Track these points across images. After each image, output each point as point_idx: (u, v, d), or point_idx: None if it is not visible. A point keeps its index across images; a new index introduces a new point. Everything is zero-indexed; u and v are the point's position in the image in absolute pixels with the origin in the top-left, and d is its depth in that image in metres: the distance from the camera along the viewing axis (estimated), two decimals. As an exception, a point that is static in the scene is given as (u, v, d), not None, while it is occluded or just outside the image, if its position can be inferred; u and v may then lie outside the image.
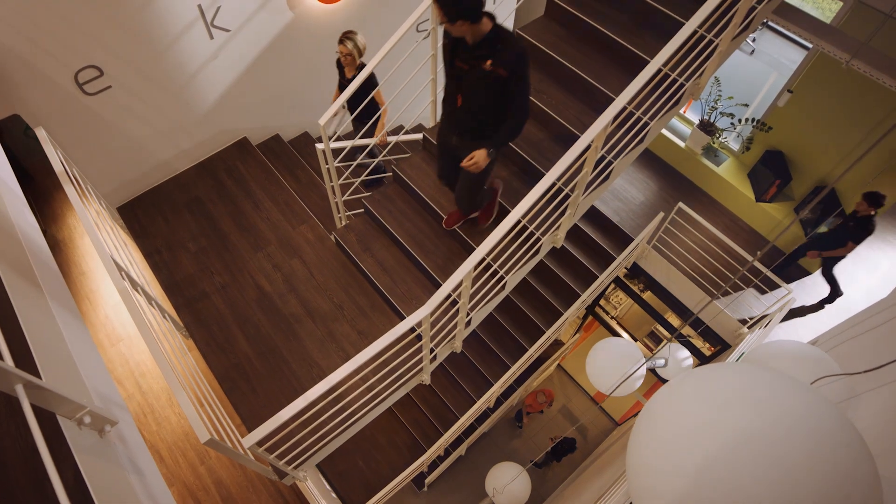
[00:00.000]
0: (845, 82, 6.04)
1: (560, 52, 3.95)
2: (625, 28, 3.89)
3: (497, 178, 3.86)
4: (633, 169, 7.99)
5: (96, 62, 4.15)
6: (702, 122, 7.35)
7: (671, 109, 3.71)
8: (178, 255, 4.68)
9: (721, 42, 3.47)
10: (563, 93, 3.94)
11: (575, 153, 2.93)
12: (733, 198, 7.58)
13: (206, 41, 4.59)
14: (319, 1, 4.88)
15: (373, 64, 3.58)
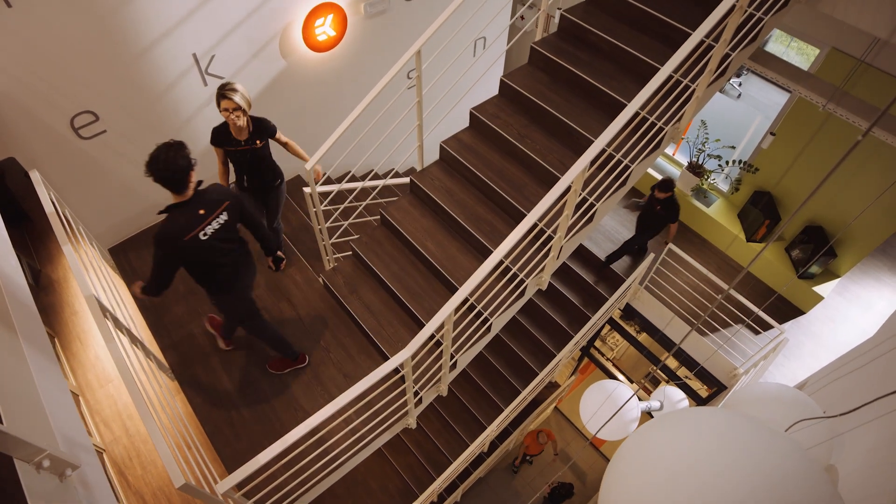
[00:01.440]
0: (824, 125, 6.17)
1: (543, 98, 4.05)
2: (606, 74, 4.00)
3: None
4: (625, 211, 8.07)
5: (92, 108, 4.25)
6: (690, 164, 7.46)
7: (652, 153, 3.78)
8: (166, 297, 4.67)
9: (698, 88, 3.57)
10: (547, 137, 4.03)
11: (554, 195, 2.97)
12: (724, 238, 7.63)
13: (200, 88, 4.71)
14: (311, 49, 5.03)
15: (360, 108, 3.67)
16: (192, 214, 3.12)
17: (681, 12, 3.94)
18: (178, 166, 2.96)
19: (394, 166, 4.38)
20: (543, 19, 4.26)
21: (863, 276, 7.62)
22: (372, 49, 5.51)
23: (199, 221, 3.14)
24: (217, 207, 3.20)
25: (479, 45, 6.34)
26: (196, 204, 3.13)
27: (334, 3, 4.88)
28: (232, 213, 3.27)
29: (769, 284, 7.40)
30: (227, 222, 3.26)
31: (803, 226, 7.09)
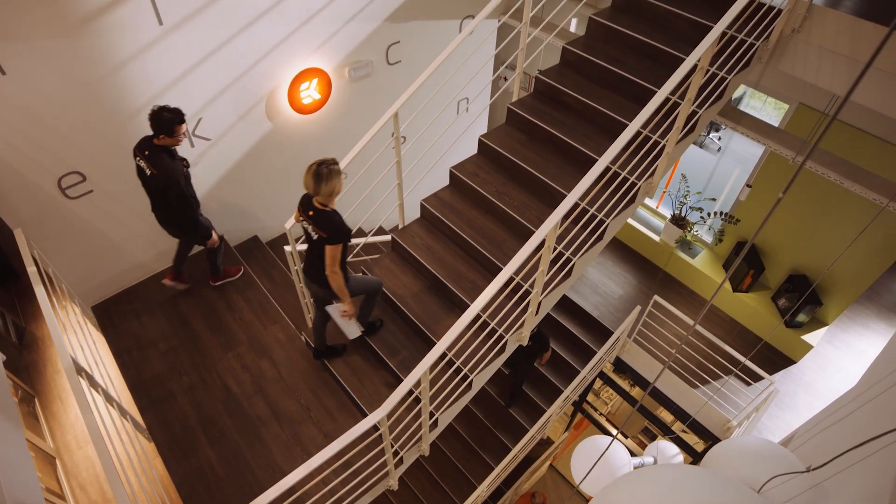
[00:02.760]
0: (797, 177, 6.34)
1: (520, 156, 4.18)
2: (580, 133, 4.15)
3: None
4: (612, 263, 8.16)
5: (80, 168, 4.35)
6: (673, 217, 7.60)
7: (627, 207, 3.88)
8: (147, 355, 4.66)
9: (667, 144, 3.71)
10: (525, 194, 4.13)
11: (528, 250, 3.03)
12: (710, 289, 7.69)
13: (187, 149, 4.83)
14: (296, 112, 5.21)
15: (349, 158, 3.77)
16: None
17: (650, 74, 4.12)
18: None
19: (377, 224, 4.46)
20: (518, 81, 4.45)
21: (851, 324, 7.66)
22: (356, 111, 5.70)
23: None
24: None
25: (462, 105, 6.57)
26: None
27: (319, 68, 5.09)
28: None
29: (758, 334, 7.42)
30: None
31: (788, 275, 7.17)
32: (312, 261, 3.57)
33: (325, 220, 3.35)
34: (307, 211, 3.41)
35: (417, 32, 5.64)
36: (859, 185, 4.37)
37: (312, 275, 3.63)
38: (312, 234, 3.44)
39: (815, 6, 3.81)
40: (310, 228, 3.44)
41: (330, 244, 3.34)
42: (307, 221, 3.43)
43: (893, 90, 3.61)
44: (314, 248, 3.49)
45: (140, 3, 3.93)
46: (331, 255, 3.38)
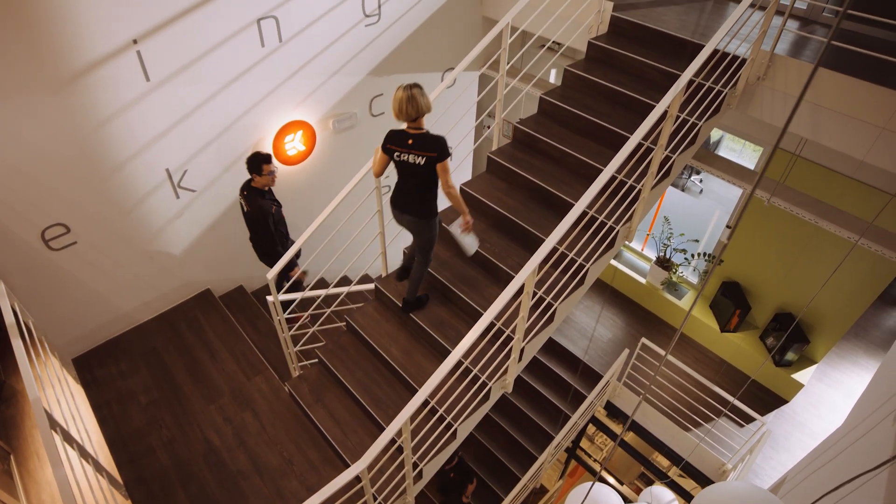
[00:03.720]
0: (772, 216, 6.51)
1: (501, 203, 4.26)
2: (558, 179, 4.25)
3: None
4: (600, 307, 8.19)
5: (64, 220, 4.38)
6: (658, 259, 7.69)
7: (606, 252, 3.94)
8: (127, 408, 4.58)
9: (643, 189, 3.80)
10: (506, 241, 4.19)
11: (508, 295, 3.06)
12: (699, 330, 7.71)
13: (172, 200, 4.89)
14: (282, 163, 5.30)
15: (321, 218, 3.82)
16: None
17: (625, 121, 4.26)
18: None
19: (360, 272, 4.49)
20: (498, 130, 4.57)
21: (840, 361, 7.68)
22: (341, 161, 5.81)
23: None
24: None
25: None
26: None
27: (303, 120, 5.22)
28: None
29: (749, 374, 7.41)
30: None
31: (774, 313, 7.23)
32: (410, 192, 3.57)
33: (428, 141, 3.38)
34: (404, 142, 3.41)
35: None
36: (832, 224, 4.47)
37: (411, 206, 3.62)
38: (417, 161, 3.41)
39: (777, 56, 4.00)
40: (411, 158, 3.42)
41: (440, 161, 3.38)
42: (407, 152, 3.42)
43: (851, 131, 3.80)
44: (414, 177, 3.49)
45: (128, 60, 4.04)
46: (445, 171, 3.42)
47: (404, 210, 3.65)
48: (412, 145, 3.39)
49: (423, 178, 3.47)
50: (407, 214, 3.66)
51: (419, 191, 3.53)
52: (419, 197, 3.55)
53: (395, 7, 5.27)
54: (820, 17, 4.79)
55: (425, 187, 3.51)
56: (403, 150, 3.42)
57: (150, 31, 4.04)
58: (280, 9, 4.54)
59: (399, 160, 3.47)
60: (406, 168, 3.48)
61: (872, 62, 3.81)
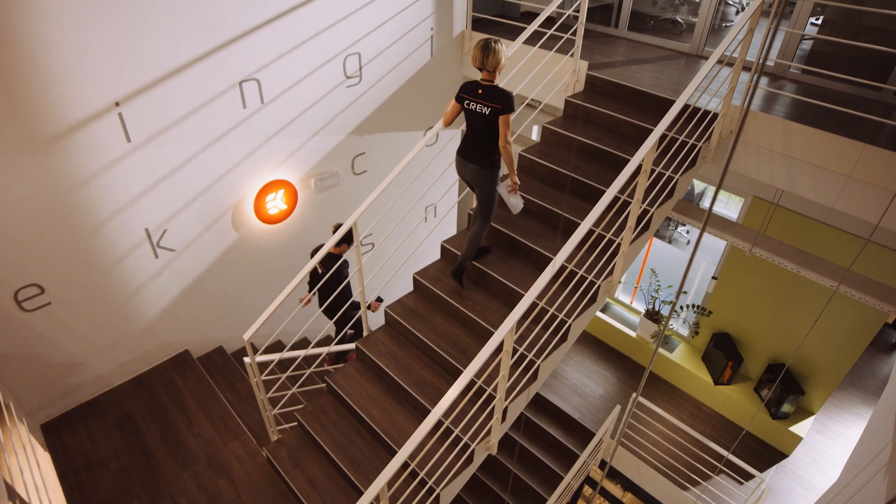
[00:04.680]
0: (757, 266, 6.60)
1: (483, 260, 4.29)
2: (538, 234, 4.31)
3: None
4: (590, 362, 8.14)
5: (38, 280, 4.35)
6: (647, 312, 7.71)
7: (589, 307, 3.96)
8: (97, 477, 4.43)
9: (622, 242, 3.86)
10: (488, 298, 4.21)
11: (487, 353, 3.05)
12: (692, 383, 7.66)
13: (151, 260, 4.89)
14: (263, 222, 5.35)
15: (298, 279, 3.84)
16: None
17: (602, 176, 4.37)
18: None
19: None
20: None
21: (839, 412, 7.62)
22: (323, 219, 5.87)
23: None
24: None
25: (430, 210, 6.81)
26: None
27: (285, 179, 5.31)
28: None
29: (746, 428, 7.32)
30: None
31: (767, 364, 7.21)
32: (475, 142, 3.79)
33: (496, 93, 3.59)
34: (475, 91, 3.64)
35: (382, 143, 5.96)
36: (813, 272, 4.55)
37: (474, 156, 3.82)
38: (483, 111, 3.62)
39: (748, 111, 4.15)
40: (478, 107, 3.64)
41: (504, 114, 3.58)
42: (476, 101, 3.64)
43: (821, 180, 3.98)
44: (480, 127, 3.70)
45: (109, 122, 4.13)
46: (506, 124, 3.60)
47: (468, 159, 3.87)
48: (481, 95, 3.63)
49: (487, 128, 3.68)
50: (470, 163, 3.86)
51: (483, 141, 3.75)
52: (483, 147, 3.78)
53: (377, 68, 5.47)
54: (787, 73, 5.01)
55: (489, 138, 3.72)
56: (473, 98, 3.67)
57: (133, 94, 4.16)
58: (262, 72, 4.69)
59: (468, 108, 3.72)
60: (473, 117, 3.72)
61: (837, 115, 4.05)
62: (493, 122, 3.63)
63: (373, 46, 5.33)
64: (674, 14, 6.99)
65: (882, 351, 8.66)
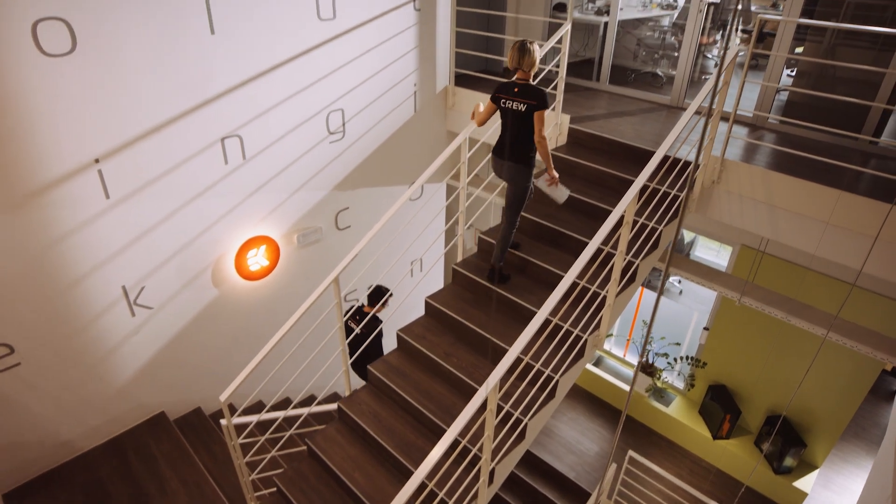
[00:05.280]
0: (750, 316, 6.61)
1: (467, 316, 4.27)
2: (524, 289, 4.30)
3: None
4: (585, 419, 8.00)
5: (7, 340, 4.26)
6: (641, 365, 7.65)
7: (576, 362, 3.92)
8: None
9: (608, 295, 3.86)
10: (474, 355, 4.16)
11: (470, 412, 2.99)
12: (690, 438, 7.52)
13: (127, 318, 4.82)
14: (244, 278, 5.33)
15: (277, 337, 3.79)
16: None
17: (586, 228, 4.41)
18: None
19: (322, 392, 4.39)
20: (462, 242, 4.69)
21: (843, 464, 7.48)
22: (306, 275, 5.86)
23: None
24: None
25: (416, 265, 6.82)
26: None
27: (267, 235, 5.32)
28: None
29: (749, 484, 7.14)
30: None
31: (766, 416, 7.11)
32: (510, 140, 3.97)
33: (531, 90, 3.81)
34: (511, 90, 3.86)
35: (367, 198, 6.02)
36: (803, 321, 4.56)
37: (510, 153, 3.99)
38: (519, 108, 3.83)
39: (728, 161, 4.26)
40: (514, 105, 3.85)
41: (538, 110, 3.78)
42: (511, 99, 3.86)
43: (802, 227, 4.08)
44: (516, 124, 3.89)
45: (88, 178, 4.15)
46: (541, 120, 3.79)
47: (505, 157, 4.03)
48: (517, 93, 3.85)
49: (522, 124, 3.87)
50: (507, 161, 4.02)
51: (519, 138, 3.94)
52: (518, 144, 3.96)
53: (360, 124, 5.58)
54: (766, 124, 5.15)
55: (524, 134, 3.90)
56: (508, 97, 3.89)
57: (113, 151, 4.20)
58: (244, 128, 4.77)
59: (504, 106, 3.93)
60: (509, 114, 3.92)
61: (815, 162, 4.17)
62: (529, 118, 3.83)
63: (356, 102, 5.45)
64: (654, 67, 7.23)
65: (883, 399, 8.58)
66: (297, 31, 4.79)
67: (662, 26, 7.68)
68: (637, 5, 7.93)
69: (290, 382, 4.19)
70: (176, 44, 4.20)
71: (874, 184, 4.08)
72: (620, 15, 6.38)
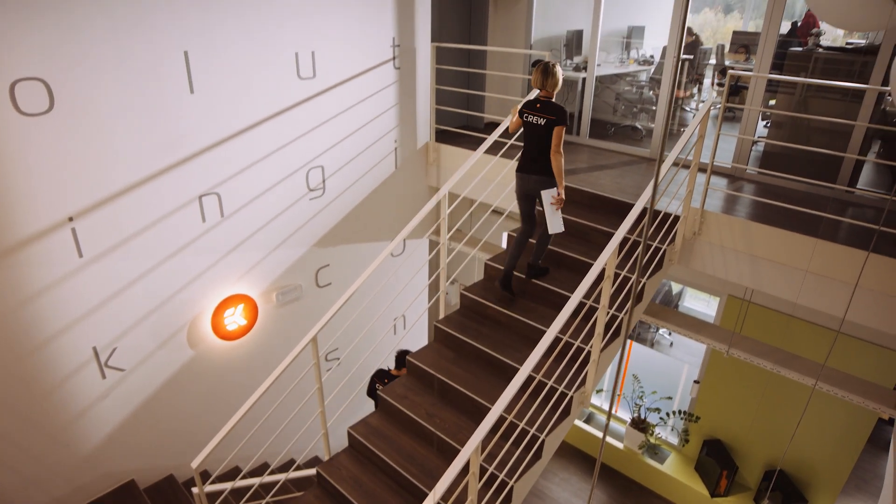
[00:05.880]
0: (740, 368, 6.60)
1: (450, 374, 4.22)
2: (508, 346, 4.26)
3: None
4: (577, 479, 7.82)
5: (-31, 405, 4.15)
6: (633, 421, 7.55)
7: (562, 420, 3.87)
8: None
9: (592, 350, 3.85)
10: (456, 415, 4.09)
11: (451, 476, 2.92)
12: (687, 496, 7.35)
13: (97, 381, 4.71)
14: (221, 338, 5.26)
15: (253, 399, 3.72)
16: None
17: (570, 282, 4.43)
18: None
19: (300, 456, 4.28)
20: (443, 299, 4.69)
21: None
22: (285, 334, 5.79)
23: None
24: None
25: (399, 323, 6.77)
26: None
27: (245, 294, 5.28)
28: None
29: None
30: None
31: (764, 471, 7.00)
32: (533, 155, 4.25)
33: (552, 106, 4.14)
34: (533, 106, 4.21)
35: (348, 255, 6.03)
36: (792, 371, 4.58)
37: (534, 168, 4.26)
38: (539, 122, 4.15)
39: (708, 212, 4.34)
40: (535, 119, 4.18)
41: (558, 125, 4.10)
42: (534, 114, 4.19)
43: (783, 276, 4.16)
44: (537, 137, 4.20)
45: (61, 237, 4.13)
46: (558, 135, 4.11)
47: (530, 171, 4.30)
48: (539, 108, 4.19)
49: (543, 138, 4.18)
50: (532, 175, 4.28)
51: (541, 152, 4.22)
52: (541, 158, 4.23)
53: (341, 180, 5.65)
54: (745, 175, 5.29)
55: (546, 148, 4.20)
56: (532, 112, 4.22)
57: (88, 209, 4.20)
58: (223, 185, 4.81)
59: (527, 121, 4.26)
60: (531, 129, 4.24)
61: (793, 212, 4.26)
62: (549, 132, 4.16)
63: (337, 159, 5.54)
64: (633, 121, 7.44)
65: (883, 449, 8.48)
66: (276, 90, 4.91)
67: (640, 81, 7.96)
68: (614, 61, 8.25)
69: (266, 446, 4.07)
70: (155, 102, 4.28)
71: (851, 231, 4.17)
72: (598, 71, 6.61)
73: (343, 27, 5.19)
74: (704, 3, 11.83)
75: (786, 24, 7.73)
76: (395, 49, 5.66)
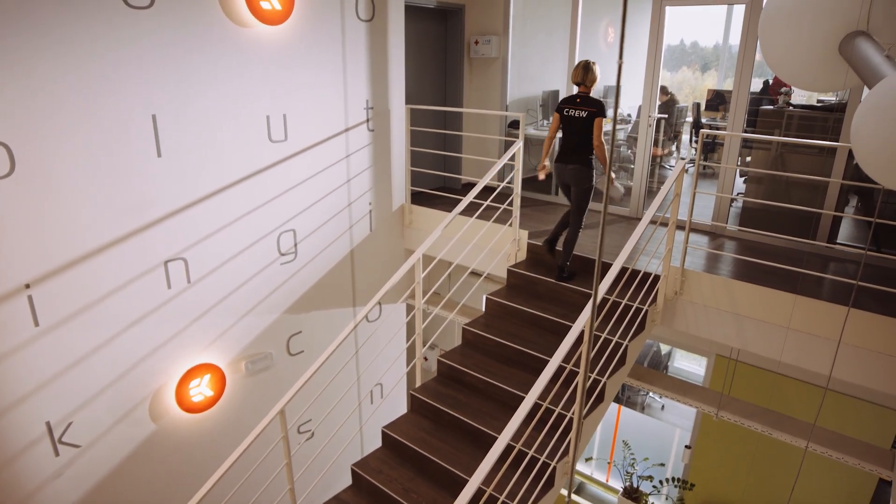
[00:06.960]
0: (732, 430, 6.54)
1: (427, 446, 4.12)
2: (487, 414, 4.20)
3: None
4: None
5: None
6: (625, 490, 7.39)
7: (545, 494, 3.78)
8: None
9: (574, 416, 3.80)
10: (434, 489, 3.97)
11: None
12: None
13: (50, 458, 4.51)
14: (185, 411, 5.11)
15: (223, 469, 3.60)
16: None
17: (550, 347, 4.41)
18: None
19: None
20: (420, 366, 4.65)
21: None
22: (255, 404, 5.64)
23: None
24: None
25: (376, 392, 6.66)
26: None
27: (212, 363, 5.18)
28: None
29: None
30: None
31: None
32: (573, 146, 4.75)
33: (592, 100, 4.65)
34: (574, 101, 4.70)
35: (321, 321, 5.97)
36: (784, 433, 4.55)
37: (573, 157, 4.75)
38: (581, 115, 4.63)
39: (689, 271, 4.40)
40: (577, 113, 4.65)
41: (598, 117, 4.59)
42: (575, 108, 4.67)
43: (767, 334, 4.20)
44: (578, 130, 4.68)
45: (17, 304, 4.05)
46: (599, 126, 4.59)
47: (568, 161, 4.78)
48: (579, 103, 4.67)
49: (584, 130, 4.64)
50: (570, 164, 4.77)
51: (580, 143, 4.70)
52: (580, 149, 4.70)
53: (313, 244, 5.66)
54: (725, 232, 5.40)
55: (585, 139, 4.66)
56: (572, 107, 4.70)
57: (46, 275, 4.14)
58: (190, 250, 4.80)
59: (567, 115, 4.72)
60: (571, 122, 4.70)
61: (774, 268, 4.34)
62: (590, 124, 4.61)
63: (309, 222, 5.57)
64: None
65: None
66: (247, 153, 4.97)
67: (617, 140, 8.20)
68: (591, 121, 8.48)
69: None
70: (120, 166, 4.31)
71: (832, 287, 4.25)
72: (574, 130, 6.80)
73: (315, 90, 5.33)
74: (682, 62, 12.37)
75: (758, 83, 8.10)
76: (369, 111, 5.81)
